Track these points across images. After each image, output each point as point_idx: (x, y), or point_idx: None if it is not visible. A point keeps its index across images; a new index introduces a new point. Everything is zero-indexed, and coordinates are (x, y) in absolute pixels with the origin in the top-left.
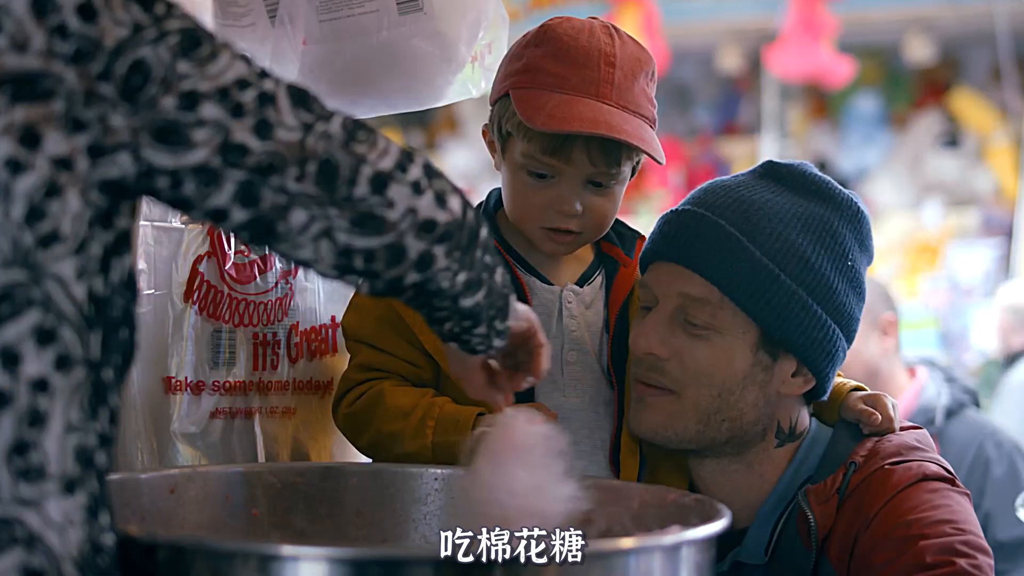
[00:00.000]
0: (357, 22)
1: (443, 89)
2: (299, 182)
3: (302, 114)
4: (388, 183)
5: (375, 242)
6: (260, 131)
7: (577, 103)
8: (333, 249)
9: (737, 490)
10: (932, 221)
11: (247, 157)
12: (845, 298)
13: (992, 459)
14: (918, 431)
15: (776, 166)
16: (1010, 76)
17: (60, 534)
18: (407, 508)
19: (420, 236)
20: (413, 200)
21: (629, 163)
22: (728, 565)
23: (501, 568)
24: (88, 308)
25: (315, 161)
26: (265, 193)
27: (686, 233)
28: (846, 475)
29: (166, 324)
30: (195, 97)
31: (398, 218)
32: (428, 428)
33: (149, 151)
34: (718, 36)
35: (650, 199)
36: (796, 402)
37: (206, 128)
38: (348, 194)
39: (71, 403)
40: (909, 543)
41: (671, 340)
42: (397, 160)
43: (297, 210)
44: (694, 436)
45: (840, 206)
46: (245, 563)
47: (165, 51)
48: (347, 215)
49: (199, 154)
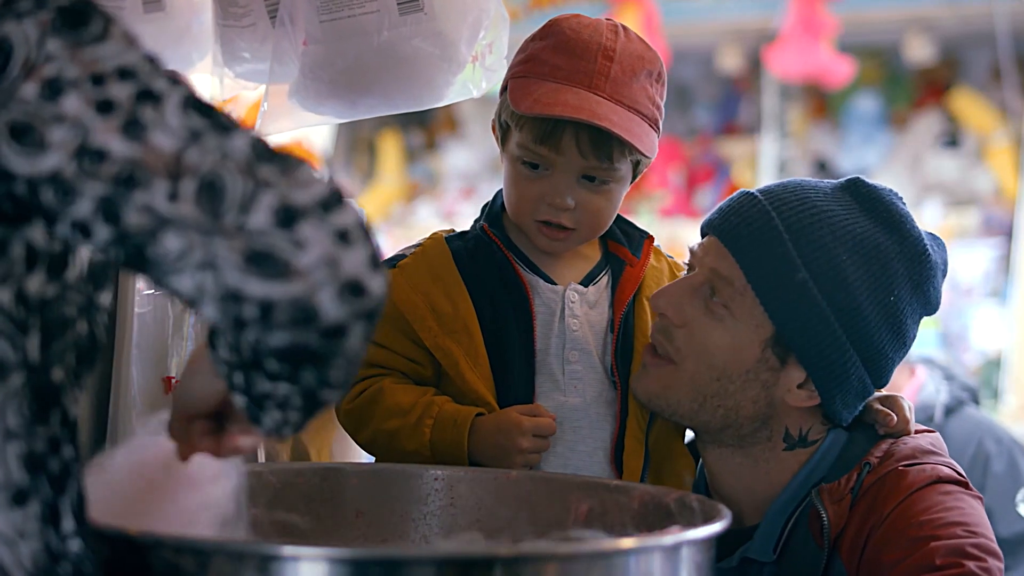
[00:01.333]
0: (357, 22)
1: (443, 89)
2: (172, 201)
3: (194, 119)
4: (299, 219)
5: (277, 291)
6: (128, 131)
7: (566, 91)
8: (218, 290)
9: (747, 487)
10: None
11: (104, 165)
12: (876, 331)
13: (992, 455)
14: (932, 435)
15: (860, 183)
16: (1010, 76)
17: (9, 546)
18: (407, 508)
19: (343, 299)
20: (335, 249)
21: (624, 161)
22: (737, 561)
23: (501, 567)
24: (19, 311)
25: (194, 179)
26: (127, 211)
27: (737, 214)
28: (860, 475)
29: (166, 324)
30: (58, 85)
31: (310, 266)
32: (426, 426)
33: (5, 150)
34: (718, 36)
35: (650, 199)
36: (808, 413)
37: (64, 126)
38: (240, 223)
39: (6, 410)
40: (920, 543)
41: (687, 308)
42: (321, 198)
43: (171, 234)
44: (687, 412)
45: (905, 241)
46: (245, 563)
47: (33, 27)
48: (238, 248)
49: (52, 159)
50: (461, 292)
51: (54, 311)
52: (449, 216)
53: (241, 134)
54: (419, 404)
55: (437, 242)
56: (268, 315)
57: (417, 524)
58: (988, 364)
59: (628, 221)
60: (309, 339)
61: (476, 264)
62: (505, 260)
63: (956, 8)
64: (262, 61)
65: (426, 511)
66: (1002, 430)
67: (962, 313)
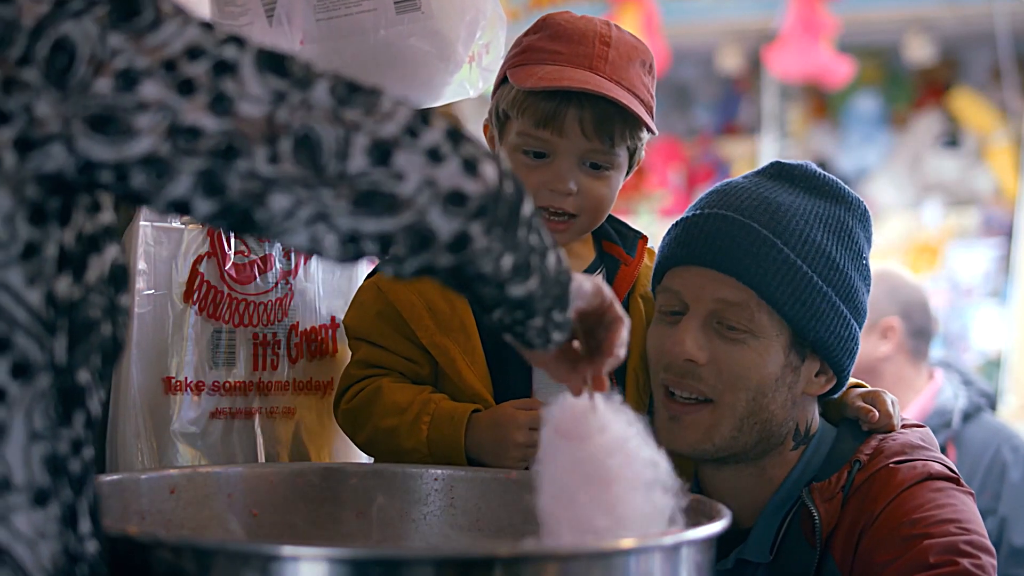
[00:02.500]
0: (354, 21)
1: (440, 89)
2: (273, 163)
3: (272, 81)
4: (392, 151)
5: (389, 224)
6: (217, 108)
7: (569, 70)
8: (335, 236)
9: (744, 490)
10: (932, 221)
11: (201, 141)
12: (862, 295)
13: (1009, 463)
14: (922, 429)
15: (786, 166)
16: (1010, 76)
17: (30, 547)
18: (407, 508)
19: (448, 212)
20: (430, 170)
21: (624, 144)
22: (732, 563)
23: (501, 567)
24: (48, 313)
25: (289, 137)
26: (230, 180)
27: (718, 237)
28: (851, 473)
29: (166, 324)
30: (132, 76)
31: (412, 192)
32: (424, 424)
33: (85, 142)
34: (718, 36)
35: (650, 199)
36: (812, 402)
37: (149, 111)
38: (340, 170)
39: (33, 411)
40: (913, 542)
41: (708, 346)
42: (406, 124)
43: (277, 195)
44: (729, 444)
45: (851, 204)
46: (245, 563)
47: (92, 24)
48: (345, 195)
49: (144, 143)
50: None
51: (80, 313)
52: None
53: (319, 81)
54: (416, 402)
55: None
56: (387, 247)
57: (417, 524)
58: (988, 364)
59: (622, 221)
60: (440, 259)
61: None
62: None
63: (956, 8)
64: None
65: (426, 511)
66: (1019, 438)
67: (962, 313)
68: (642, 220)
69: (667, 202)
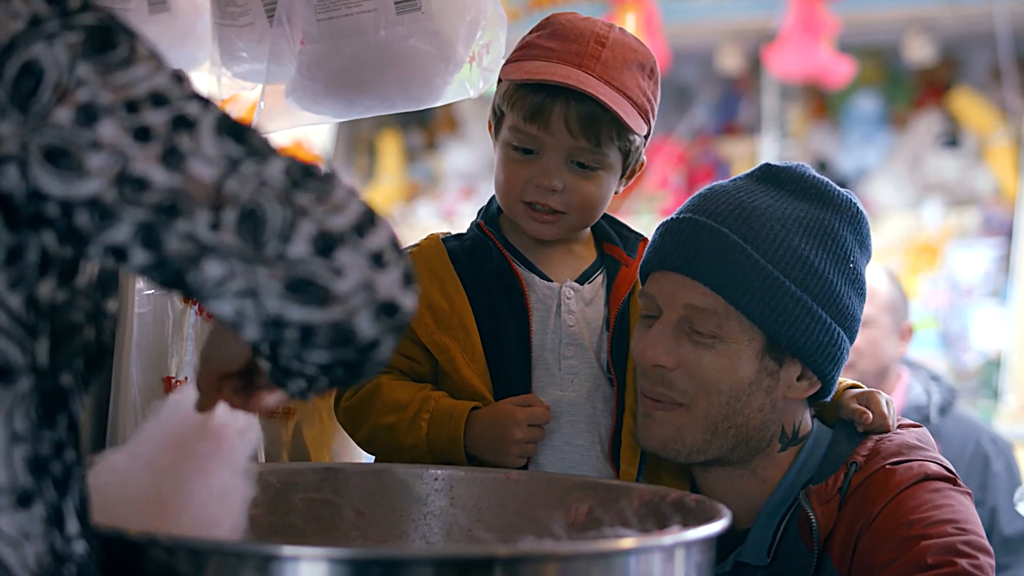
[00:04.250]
0: (355, 21)
1: (441, 89)
2: (214, 230)
3: (229, 147)
4: (336, 246)
5: (317, 316)
6: (168, 161)
7: (557, 66)
8: (259, 315)
9: (740, 493)
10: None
11: (146, 193)
12: (848, 300)
13: (991, 454)
14: (918, 429)
15: (774, 169)
16: (1010, 76)
17: (14, 548)
18: (407, 508)
19: (378, 320)
20: (371, 273)
21: (612, 146)
22: (730, 566)
23: (501, 567)
24: (29, 316)
25: (235, 208)
26: (168, 238)
27: (689, 242)
28: (847, 475)
29: (166, 324)
30: (93, 111)
31: (348, 291)
32: (423, 421)
33: (38, 171)
34: (718, 36)
35: (650, 199)
36: (800, 405)
37: (103, 153)
38: (280, 252)
39: (14, 413)
40: (911, 543)
41: (677, 351)
42: (355, 221)
43: (212, 262)
44: (702, 446)
45: (840, 208)
46: (245, 563)
47: (63, 50)
48: (280, 276)
49: (92, 185)
50: (457, 289)
51: (63, 316)
52: (449, 216)
53: (276, 159)
54: (416, 399)
55: (433, 242)
56: (308, 338)
57: (417, 524)
58: (988, 364)
59: (622, 223)
60: (347, 355)
61: (472, 262)
62: (501, 257)
63: (956, 8)
64: (260, 60)
65: (426, 511)
66: (993, 430)
67: (962, 313)
68: (642, 220)
69: (667, 202)
